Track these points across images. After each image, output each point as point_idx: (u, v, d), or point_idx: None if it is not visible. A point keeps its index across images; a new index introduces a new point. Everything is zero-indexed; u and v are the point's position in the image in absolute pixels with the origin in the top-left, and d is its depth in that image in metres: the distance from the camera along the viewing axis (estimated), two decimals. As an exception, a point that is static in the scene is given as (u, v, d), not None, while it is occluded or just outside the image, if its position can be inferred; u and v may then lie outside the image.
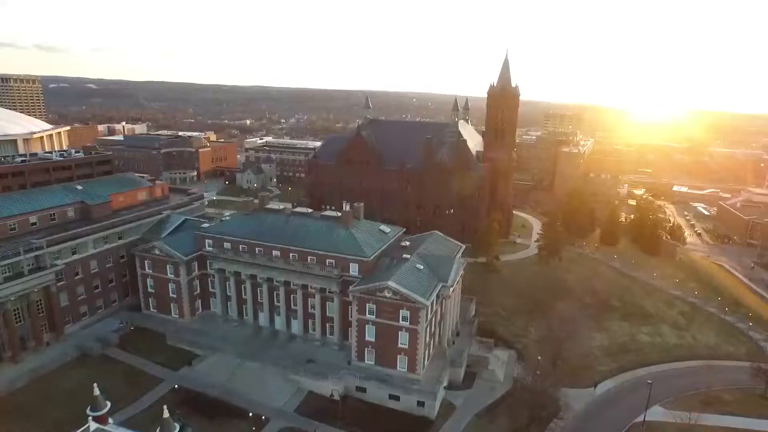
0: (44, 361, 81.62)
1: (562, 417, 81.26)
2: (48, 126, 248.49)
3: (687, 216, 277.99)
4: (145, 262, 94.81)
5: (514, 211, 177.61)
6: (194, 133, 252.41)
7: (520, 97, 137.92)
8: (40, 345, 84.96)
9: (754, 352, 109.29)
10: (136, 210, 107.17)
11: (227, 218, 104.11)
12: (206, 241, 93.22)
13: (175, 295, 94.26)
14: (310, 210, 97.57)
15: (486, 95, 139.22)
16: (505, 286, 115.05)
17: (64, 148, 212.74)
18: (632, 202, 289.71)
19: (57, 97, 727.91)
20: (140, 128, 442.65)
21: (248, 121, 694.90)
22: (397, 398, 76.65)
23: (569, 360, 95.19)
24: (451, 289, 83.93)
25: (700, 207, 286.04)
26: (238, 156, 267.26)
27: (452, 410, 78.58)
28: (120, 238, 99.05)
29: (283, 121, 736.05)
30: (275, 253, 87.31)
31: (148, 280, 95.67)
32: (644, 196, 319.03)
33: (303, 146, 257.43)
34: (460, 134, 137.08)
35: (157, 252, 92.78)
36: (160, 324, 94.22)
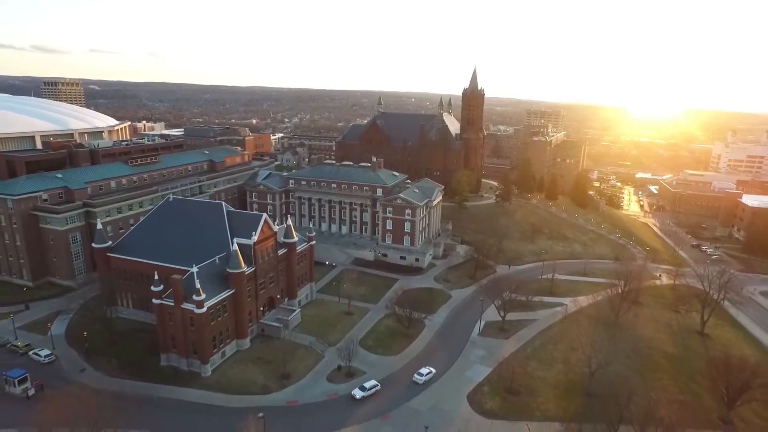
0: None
1: (494, 273, 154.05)
2: (117, 122, 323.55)
3: (639, 193, 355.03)
4: (253, 194, 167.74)
5: (492, 182, 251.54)
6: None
7: (520, 98, 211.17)
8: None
9: (629, 256, 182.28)
10: (237, 166, 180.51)
11: (294, 171, 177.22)
12: (290, 181, 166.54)
13: (271, 214, 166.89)
14: (351, 163, 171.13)
15: (461, 95, 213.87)
16: (470, 217, 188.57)
17: (128, 138, 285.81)
18: (596, 183, 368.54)
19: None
20: (159, 126, 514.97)
21: (254, 120, 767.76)
22: (404, 258, 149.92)
23: (506, 254, 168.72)
24: (434, 202, 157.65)
25: (652, 188, 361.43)
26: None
27: (434, 266, 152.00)
28: (235, 182, 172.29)
29: (286, 120, 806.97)
30: (333, 185, 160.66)
31: (254, 205, 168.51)
32: (610, 180, 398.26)
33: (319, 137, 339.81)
34: (443, 122, 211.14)
35: (261, 187, 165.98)
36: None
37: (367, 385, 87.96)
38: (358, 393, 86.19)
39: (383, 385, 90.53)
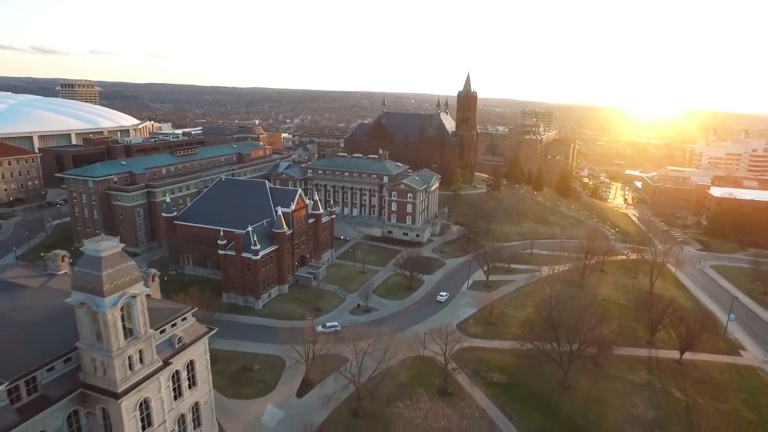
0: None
1: (484, 248, 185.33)
2: (138, 121, 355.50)
3: (626, 188, 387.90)
4: (276, 181, 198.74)
5: (485, 175, 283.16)
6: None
7: (519, 99, 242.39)
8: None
9: (598, 234, 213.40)
10: (260, 158, 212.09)
11: (311, 162, 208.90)
12: (308, 170, 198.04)
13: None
14: (360, 155, 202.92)
15: (456, 96, 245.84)
16: (464, 203, 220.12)
17: (150, 135, 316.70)
18: (586, 180, 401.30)
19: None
20: (166, 126, 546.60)
21: (257, 121, 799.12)
22: (406, 234, 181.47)
23: (495, 233, 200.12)
24: (432, 188, 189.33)
25: (638, 183, 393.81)
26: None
27: (431, 241, 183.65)
28: (260, 171, 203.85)
29: (288, 120, 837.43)
30: (346, 174, 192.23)
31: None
32: (599, 176, 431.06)
33: (326, 135, 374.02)
34: (441, 121, 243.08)
35: (284, 175, 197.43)
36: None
37: (329, 324, 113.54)
38: (319, 329, 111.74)
39: (404, 311, 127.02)
